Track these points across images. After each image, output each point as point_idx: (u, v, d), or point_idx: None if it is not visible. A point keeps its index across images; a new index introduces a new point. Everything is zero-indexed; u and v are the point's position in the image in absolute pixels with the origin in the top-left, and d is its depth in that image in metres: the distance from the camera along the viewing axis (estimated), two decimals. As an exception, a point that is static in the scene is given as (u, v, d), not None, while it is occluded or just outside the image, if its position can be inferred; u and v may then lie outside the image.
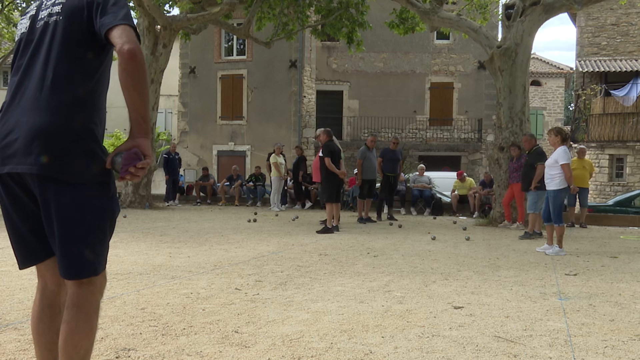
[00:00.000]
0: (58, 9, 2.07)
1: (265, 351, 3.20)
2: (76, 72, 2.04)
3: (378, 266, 6.23)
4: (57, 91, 2.01)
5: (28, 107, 2.01)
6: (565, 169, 7.63)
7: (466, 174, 16.37)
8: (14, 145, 1.99)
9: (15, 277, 5.26)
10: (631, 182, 21.44)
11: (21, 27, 2.18)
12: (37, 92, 2.01)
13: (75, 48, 2.04)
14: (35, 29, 2.12)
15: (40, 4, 2.16)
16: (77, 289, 2.05)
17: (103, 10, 2.02)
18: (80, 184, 2.01)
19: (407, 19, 15.66)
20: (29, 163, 1.96)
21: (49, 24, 2.08)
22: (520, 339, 3.51)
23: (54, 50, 2.04)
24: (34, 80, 2.04)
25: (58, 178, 1.98)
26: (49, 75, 2.02)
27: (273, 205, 15.12)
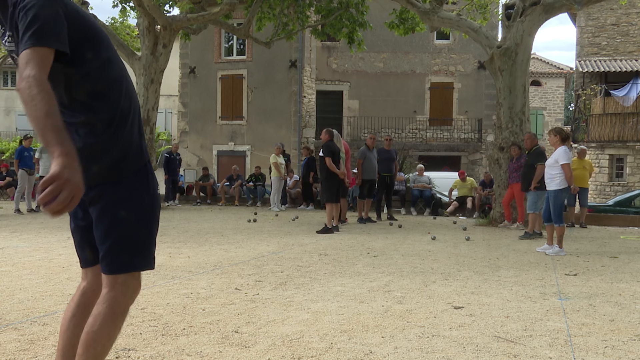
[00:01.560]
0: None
1: (265, 351, 3.20)
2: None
3: (378, 266, 6.23)
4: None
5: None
6: (566, 169, 7.63)
7: (467, 174, 16.36)
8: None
9: (15, 278, 5.26)
10: (631, 182, 21.44)
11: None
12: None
13: None
14: None
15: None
16: (111, 287, 2.08)
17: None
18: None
19: (407, 19, 15.66)
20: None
21: None
22: (520, 339, 3.51)
23: None
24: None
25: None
26: None
27: (273, 205, 15.12)
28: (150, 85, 15.22)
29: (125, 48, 15.95)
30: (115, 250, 2.07)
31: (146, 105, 15.21)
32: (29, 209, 13.09)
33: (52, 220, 11.23)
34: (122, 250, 2.08)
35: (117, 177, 2.06)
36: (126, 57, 15.69)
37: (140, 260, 2.13)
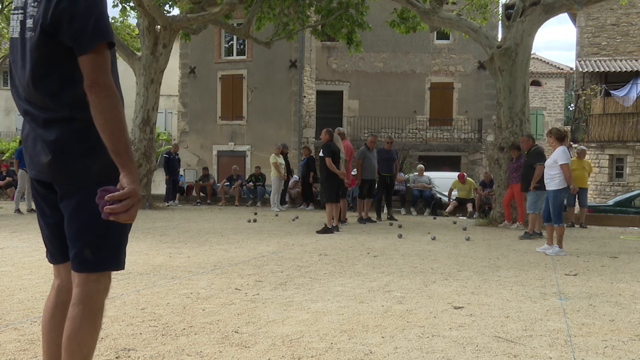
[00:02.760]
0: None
1: (265, 351, 3.20)
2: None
3: (378, 266, 6.22)
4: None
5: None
6: (565, 169, 7.63)
7: (466, 175, 16.35)
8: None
9: (15, 278, 5.26)
10: (631, 182, 21.44)
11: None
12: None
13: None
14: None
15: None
16: (83, 286, 2.06)
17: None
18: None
19: (407, 18, 15.65)
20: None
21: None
22: (520, 339, 3.51)
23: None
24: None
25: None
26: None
27: (273, 206, 15.11)
28: (150, 85, 15.21)
29: (125, 48, 15.94)
30: (88, 249, 2.04)
31: (146, 105, 15.21)
32: (29, 209, 13.08)
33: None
34: (96, 250, 2.05)
35: (96, 179, 2.01)
36: (126, 57, 15.68)
37: (112, 260, 2.11)
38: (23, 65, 2.03)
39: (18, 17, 2.05)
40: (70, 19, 1.87)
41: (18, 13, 2.05)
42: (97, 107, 1.87)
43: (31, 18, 1.95)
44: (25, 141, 2.15)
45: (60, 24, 1.89)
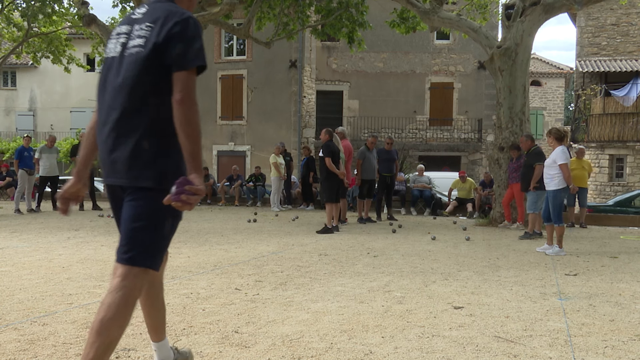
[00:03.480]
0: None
1: (265, 351, 3.20)
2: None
3: (378, 266, 6.22)
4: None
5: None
6: (564, 169, 7.63)
7: (467, 174, 16.35)
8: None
9: (15, 278, 5.26)
10: (631, 182, 21.44)
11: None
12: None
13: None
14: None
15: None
16: (124, 279, 2.25)
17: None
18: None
19: (407, 18, 15.65)
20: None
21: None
22: (520, 339, 3.51)
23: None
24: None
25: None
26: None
27: (273, 206, 15.11)
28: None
29: (125, 48, 15.93)
30: (136, 244, 2.26)
31: (146, 105, 15.19)
32: (29, 209, 13.08)
33: (51, 220, 11.23)
34: (142, 247, 2.26)
35: (163, 184, 2.26)
36: (126, 57, 15.68)
37: (153, 260, 2.32)
38: (122, 78, 2.32)
39: (119, 39, 2.41)
40: (179, 40, 2.25)
41: (121, 36, 2.41)
42: (183, 117, 2.22)
43: (141, 38, 2.32)
44: (104, 152, 2.41)
45: (169, 44, 2.26)
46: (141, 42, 2.31)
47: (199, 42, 2.29)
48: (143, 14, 2.40)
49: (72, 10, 19.66)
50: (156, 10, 2.36)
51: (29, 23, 20.25)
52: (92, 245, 7.65)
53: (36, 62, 22.98)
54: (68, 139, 29.05)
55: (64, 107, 32.03)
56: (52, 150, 13.79)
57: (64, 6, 19.81)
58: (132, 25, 2.40)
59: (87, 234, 8.90)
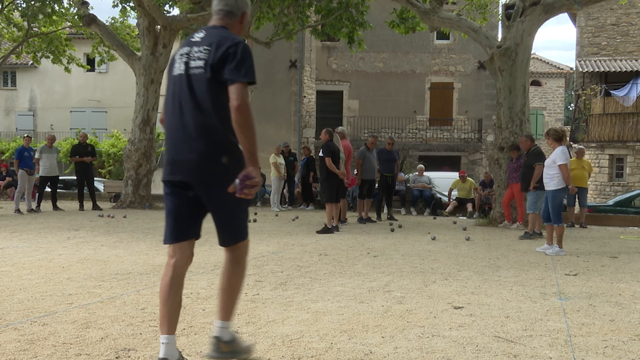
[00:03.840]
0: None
1: (265, 351, 3.20)
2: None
3: (378, 266, 6.22)
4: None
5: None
6: (563, 169, 7.63)
7: (467, 174, 16.35)
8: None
9: (15, 278, 5.26)
10: (631, 182, 21.44)
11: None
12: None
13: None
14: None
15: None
16: (234, 253, 3.00)
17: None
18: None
19: (407, 18, 15.65)
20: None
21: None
22: (520, 339, 3.51)
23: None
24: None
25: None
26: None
27: (273, 205, 15.11)
28: (150, 85, 15.21)
29: (125, 48, 15.95)
30: (235, 228, 2.98)
31: (146, 105, 15.21)
32: (29, 209, 13.08)
33: (51, 220, 11.23)
34: (239, 228, 2.99)
35: (231, 177, 2.79)
36: (126, 57, 15.69)
37: (246, 232, 3.04)
38: (189, 93, 2.84)
39: (182, 59, 2.91)
40: (232, 59, 2.76)
41: (183, 57, 2.92)
42: (241, 121, 2.75)
43: (201, 60, 2.82)
44: (172, 149, 2.91)
45: (224, 63, 2.76)
46: (201, 64, 2.82)
47: (249, 61, 2.82)
48: (201, 38, 2.91)
49: (72, 10, 19.65)
50: (212, 35, 2.88)
51: (29, 23, 20.24)
52: (92, 245, 7.65)
53: (36, 62, 22.97)
54: (68, 139, 29.04)
55: (64, 107, 32.03)
56: (52, 150, 13.79)
57: (64, 6, 19.80)
58: (191, 47, 2.90)
59: (87, 234, 8.90)
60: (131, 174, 14.97)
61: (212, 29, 2.94)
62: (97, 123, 31.30)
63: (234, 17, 3.02)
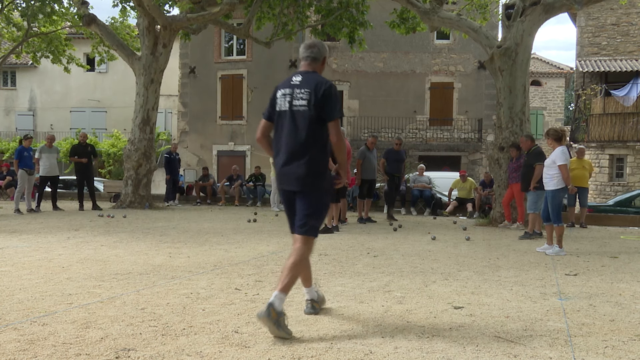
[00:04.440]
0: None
1: (265, 351, 3.20)
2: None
3: (378, 266, 6.22)
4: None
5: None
6: (563, 169, 7.63)
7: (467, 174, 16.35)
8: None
9: (15, 278, 5.26)
10: (631, 182, 21.44)
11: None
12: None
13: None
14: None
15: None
16: (300, 244, 3.76)
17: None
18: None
19: (407, 18, 15.65)
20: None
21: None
22: (520, 339, 3.51)
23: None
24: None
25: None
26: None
27: (273, 205, 15.11)
28: (150, 85, 15.21)
29: (125, 48, 15.95)
30: (307, 223, 3.75)
31: (146, 105, 15.21)
32: (28, 209, 13.08)
33: (51, 220, 11.23)
34: (311, 225, 3.77)
35: (321, 189, 3.79)
36: (126, 57, 15.69)
37: (316, 232, 3.83)
38: (293, 126, 3.73)
39: (286, 98, 3.80)
40: (328, 102, 3.69)
41: (286, 95, 3.81)
42: (337, 147, 3.78)
43: (303, 100, 3.72)
44: (283, 171, 3.80)
45: (323, 104, 3.68)
46: (304, 103, 3.71)
47: (339, 101, 3.76)
48: (300, 82, 3.80)
49: (72, 10, 19.66)
50: (309, 80, 3.77)
51: (29, 23, 20.24)
52: (92, 245, 7.65)
53: (36, 62, 22.97)
54: (68, 138, 29.07)
55: (64, 107, 32.04)
56: (52, 150, 13.79)
57: (64, 6, 19.81)
58: (293, 89, 3.79)
59: (87, 234, 8.90)
60: (131, 173, 14.97)
61: (306, 74, 3.85)
62: (97, 123, 31.33)
63: (317, 61, 3.92)
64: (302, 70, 3.92)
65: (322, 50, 3.95)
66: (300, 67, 3.95)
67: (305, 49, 3.94)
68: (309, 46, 3.96)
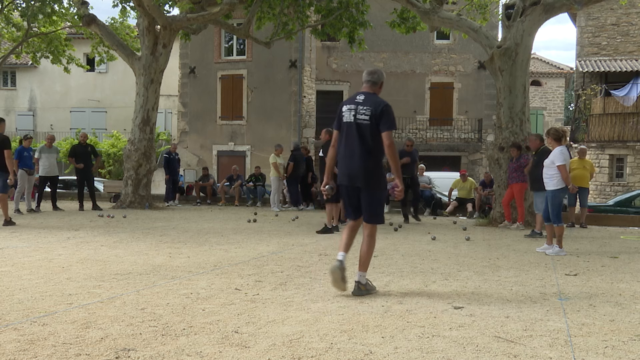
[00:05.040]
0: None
1: (265, 351, 3.20)
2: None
3: (378, 266, 6.22)
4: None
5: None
6: (562, 170, 7.63)
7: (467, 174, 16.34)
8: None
9: (15, 278, 5.26)
10: (631, 182, 21.43)
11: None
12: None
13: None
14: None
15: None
16: (369, 230, 4.88)
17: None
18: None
19: (407, 18, 15.64)
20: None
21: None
22: (520, 339, 3.51)
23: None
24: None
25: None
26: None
27: (273, 206, 15.11)
28: (150, 85, 15.21)
29: (125, 48, 15.94)
30: (375, 215, 4.86)
31: (146, 105, 15.21)
32: (28, 209, 13.08)
33: (51, 220, 11.23)
34: (377, 215, 4.89)
35: (379, 186, 4.84)
36: (126, 57, 15.69)
37: (382, 219, 4.98)
38: (358, 135, 4.69)
39: (351, 112, 4.75)
40: (384, 118, 4.65)
41: (351, 109, 4.76)
42: (391, 153, 4.67)
43: (366, 115, 4.67)
44: (348, 170, 4.79)
45: (380, 118, 4.64)
46: (366, 118, 4.69)
47: (392, 116, 4.71)
48: (363, 100, 4.76)
49: (72, 10, 19.66)
50: (370, 100, 4.75)
51: (29, 23, 20.24)
52: (92, 245, 7.65)
53: (36, 62, 22.98)
54: (68, 139, 29.06)
55: (64, 107, 32.04)
56: (52, 150, 13.78)
57: (64, 6, 19.81)
58: (357, 106, 4.74)
59: (87, 234, 8.90)
60: (131, 174, 14.97)
61: (368, 94, 4.82)
62: (97, 123, 31.33)
63: (376, 85, 4.88)
64: (364, 91, 4.87)
65: (381, 76, 4.92)
66: (362, 88, 4.91)
67: (368, 75, 4.91)
68: (370, 73, 4.91)
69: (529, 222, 11.10)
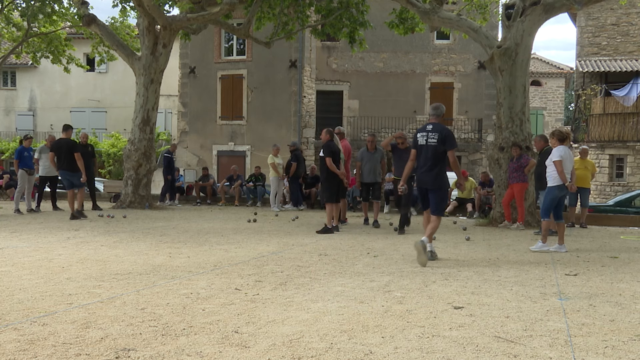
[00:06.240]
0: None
1: (265, 351, 3.20)
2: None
3: (378, 266, 6.22)
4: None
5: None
6: (557, 165, 7.71)
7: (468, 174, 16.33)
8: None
9: (15, 278, 5.26)
10: (631, 182, 21.43)
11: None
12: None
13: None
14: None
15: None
16: (435, 219, 6.78)
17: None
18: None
19: (407, 19, 15.64)
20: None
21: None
22: (520, 339, 3.51)
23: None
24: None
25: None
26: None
27: (273, 206, 15.11)
28: (150, 85, 15.21)
29: (125, 48, 15.94)
30: (438, 209, 6.87)
31: (146, 105, 15.21)
32: (28, 209, 13.08)
33: (51, 220, 11.23)
34: (439, 209, 6.90)
35: (443, 187, 6.90)
36: (126, 57, 15.68)
37: (443, 212, 7.28)
38: (428, 153, 6.77)
39: (424, 137, 6.86)
40: (448, 140, 6.78)
41: (423, 136, 6.87)
42: (454, 163, 6.86)
43: (434, 139, 6.74)
44: (422, 177, 6.92)
45: (445, 140, 6.77)
46: (435, 141, 6.71)
47: (454, 138, 6.83)
48: (432, 129, 6.80)
49: (72, 10, 19.66)
50: (437, 128, 6.80)
51: (29, 23, 20.24)
52: (92, 245, 7.65)
53: (36, 62, 22.97)
54: (68, 139, 29.02)
55: (64, 107, 32.03)
56: (52, 150, 13.77)
57: (64, 6, 19.81)
58: (427, 133, 6.80)
59: (87, 234, 8.90)
60: (131, 174, 14.97)
61: (435, 124, 6.86)
62: (97, 123, 31.32)
63: (439, 117, 6.96)
64: (432, 121, 6.93)
65: (442, 110, 7.01)
66: (430, 120, 7.03)
67: (433, 110, 7.03)
68: (435, 108, 7.03)
69: (529, 222, 11.11)
